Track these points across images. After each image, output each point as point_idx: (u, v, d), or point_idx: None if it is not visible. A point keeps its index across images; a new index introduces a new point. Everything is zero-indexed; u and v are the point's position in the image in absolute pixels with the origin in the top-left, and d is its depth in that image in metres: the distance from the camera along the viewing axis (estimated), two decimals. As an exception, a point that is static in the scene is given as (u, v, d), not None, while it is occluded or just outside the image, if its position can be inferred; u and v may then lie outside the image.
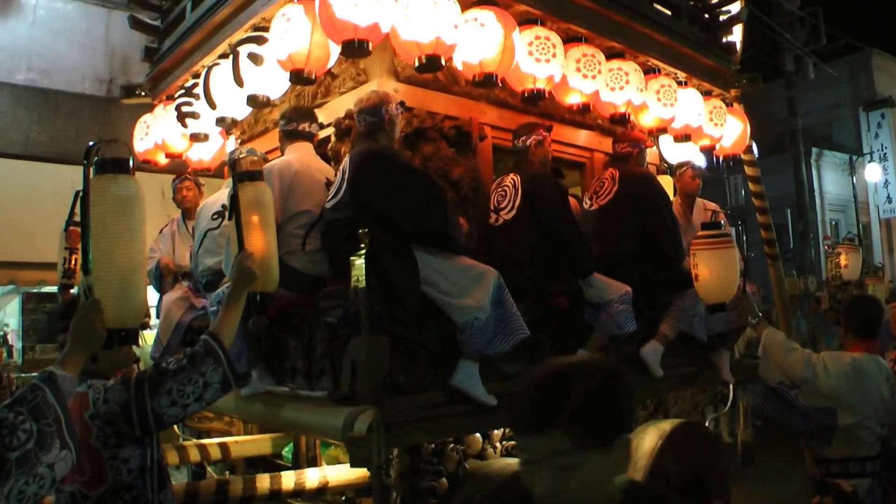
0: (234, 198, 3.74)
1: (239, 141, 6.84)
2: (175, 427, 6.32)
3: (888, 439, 4.71)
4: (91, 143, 3.08)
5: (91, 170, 3.06)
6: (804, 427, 4.70)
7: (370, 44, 4.43)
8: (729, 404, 7.46)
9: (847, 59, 30.72)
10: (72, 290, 6.70)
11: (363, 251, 4.05)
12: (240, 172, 3.93)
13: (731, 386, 7.03)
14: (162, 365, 3.18)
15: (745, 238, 5.56)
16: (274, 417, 4.71)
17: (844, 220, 31.53)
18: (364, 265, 4.02)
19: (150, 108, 7.44)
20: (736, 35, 8.21)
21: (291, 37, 4.72)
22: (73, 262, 6.49)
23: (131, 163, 3.15)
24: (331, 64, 5.02)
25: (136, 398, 3.06)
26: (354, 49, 4.41)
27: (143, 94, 7.66)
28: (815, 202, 29.21)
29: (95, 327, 2.88)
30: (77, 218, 3.23)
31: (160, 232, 7.24)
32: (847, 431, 4.54)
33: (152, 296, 7.09)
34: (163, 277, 6.84)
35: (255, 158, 5.73)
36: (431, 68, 4.75)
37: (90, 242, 3.01)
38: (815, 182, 29.84)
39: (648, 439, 5.82)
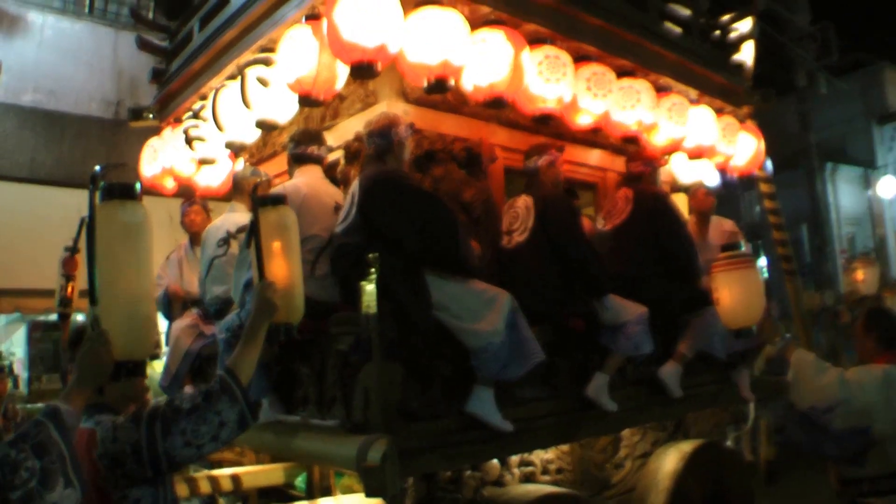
0: (253, 224, 3.62)
1: (248, 165, 6.77)
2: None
3: None
4: (97, 168, 3.00)
5: (97, 195, 2.98)
6: (838, 453, 4.56)
7: (378, 65, 4.39)
8: (750, 422, 7.37)
9: (858, 73, 30.62)
10: (71, 319, 6.63)
11: (374, 276, 3.98)
12: (261, 196, 3.76)
13: (751, 404, 6.94)
14: (175, 403, 2.98)
15: (761, 253, 5.45)
16: (285, 447, 4.63)
17: (860, 233, 31.40)
18: (375, 290, 3.95)
19: (158, 131, 7.39)
20: (747, 52, 8.16)
21: (299, 59, 4.69)
22: (69, 290, 6.41)
23: (139, 188, 3.06)
24: (339, 86, 4.97)
25: (147, 438, 2.88)
26: (363, 70, 4.37)
27: (150, 116, 7.63)
28: (831, 216, 29.11)
29: (102, 359, 2.80)
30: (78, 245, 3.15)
31: (167, 258, 7.17)
32: (882, 447, 4.41)
33: (162, 324, 7.04)
34: (171, 305, 6.77)
35: (261, 179, 5.67)
36: (440, 90, 4.71)
37: (96, 271, 2.92)
38: (831, 196, 29.70)
39: (669, 461, 5.76)
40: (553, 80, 5.27)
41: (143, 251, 3.04)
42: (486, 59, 4.86)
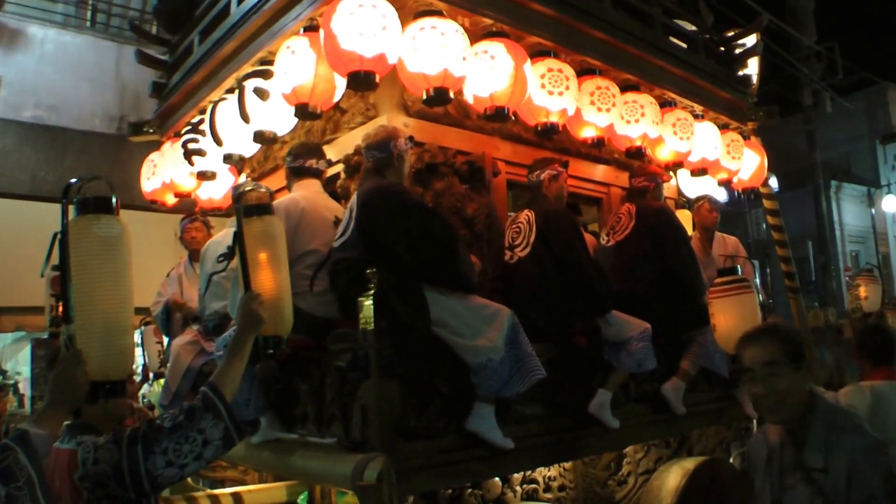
0: (238, 234, 3.51)
1: (249, 179, 6.69)
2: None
3: None
4: (70, 181, 2.94)
5: (70, 209, 2.91)
6: None
7: (376, 76, 4.35)
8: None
9: (863, 92, 30.73)
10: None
11: (372, 292, 3.92)
12: (246, 206, 3.65)
13: (754, 421, 6.87)
14: (157, 422, 2.89)
15: (768, 271, 5.41)
16: (283, 465, 4.58)
17: (864, 251, 31.61)
18: (373, 306, 3.90)
19: (160, 145, 7.31)
20: (752, 68, 8.14)
21: (296, 70, 4.64)
22: (59, 308, 6.35)
23: (114, 201, 2.97)
24: (337, 98, 4.92)
25: (128, 458, 2.76)
26: (360, 81, 4.32)
27: (150, 130, 7.54)
28: (836, 234, 29.25)
29: (76, 380, 2.73)
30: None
31: (167, 275, 7.10)
32: None
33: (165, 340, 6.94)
34: (171, 316, 6.69)
35: (261, 192, 5.58)
36: (439, 101, 4.66)
37: (70, 288, 2.84)
38: (835, 214, 29.91)
39: (672, 478, 5.70)
40: (556, 93, 5.22)
41: (120, 266, 2.96)
42: (487, 71, 4.82)
